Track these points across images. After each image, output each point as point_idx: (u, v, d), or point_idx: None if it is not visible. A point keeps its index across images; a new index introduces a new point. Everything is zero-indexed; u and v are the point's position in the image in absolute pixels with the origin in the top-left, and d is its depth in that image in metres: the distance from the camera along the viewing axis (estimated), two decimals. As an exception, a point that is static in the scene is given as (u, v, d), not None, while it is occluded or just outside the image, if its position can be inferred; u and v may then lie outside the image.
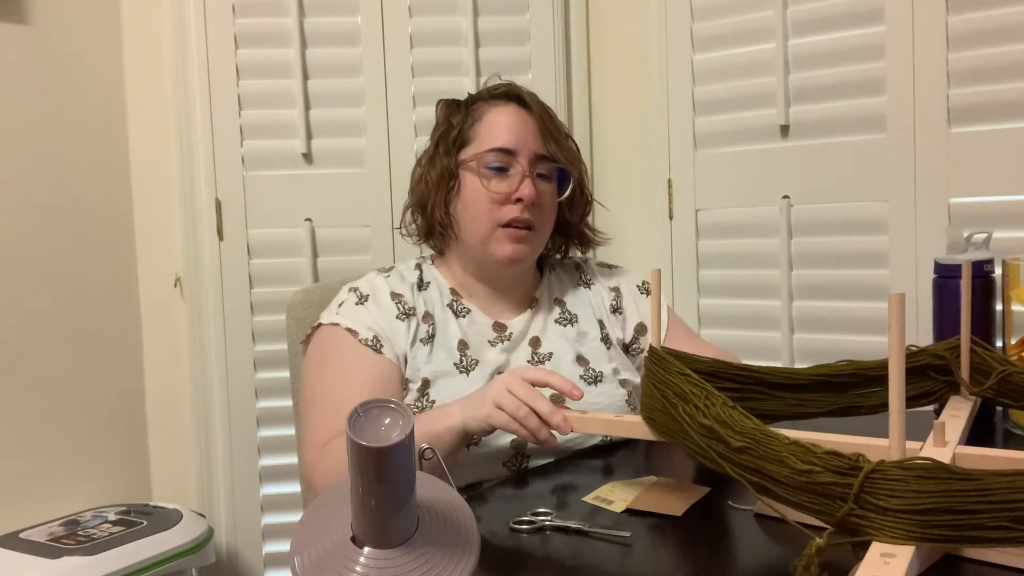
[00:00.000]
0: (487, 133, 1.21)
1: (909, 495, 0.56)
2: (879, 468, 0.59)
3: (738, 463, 0.70)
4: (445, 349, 1.18)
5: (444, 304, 1.23)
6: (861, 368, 0.92)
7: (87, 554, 1.44)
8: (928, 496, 0.56)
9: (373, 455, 0.57)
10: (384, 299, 1.20)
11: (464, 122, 1.23)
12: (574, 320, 1.27)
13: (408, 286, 1.22)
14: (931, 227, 1.53)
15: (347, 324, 1.17)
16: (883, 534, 0.57)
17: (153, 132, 1.85)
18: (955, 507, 0.55)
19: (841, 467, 0.61)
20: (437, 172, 1.22)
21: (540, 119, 1.23)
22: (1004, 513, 0.54)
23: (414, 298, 1.21)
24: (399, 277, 1.24)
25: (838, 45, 1.61)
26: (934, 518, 0.55)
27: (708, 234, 1.80)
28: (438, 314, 1.21)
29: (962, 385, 0.95)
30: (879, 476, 0.58)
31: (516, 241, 1.19)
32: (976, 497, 0.55)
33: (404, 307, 1.19)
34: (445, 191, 1.22)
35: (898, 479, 0.57)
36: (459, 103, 1.27)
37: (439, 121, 1.27)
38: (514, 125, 1.21)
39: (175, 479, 1.89)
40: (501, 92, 1.25)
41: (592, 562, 0.75)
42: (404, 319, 1.18)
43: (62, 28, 1.74)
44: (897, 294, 0.59)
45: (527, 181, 1.18)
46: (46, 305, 1.70)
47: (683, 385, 0.81)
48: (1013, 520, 0.54)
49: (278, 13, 1.79)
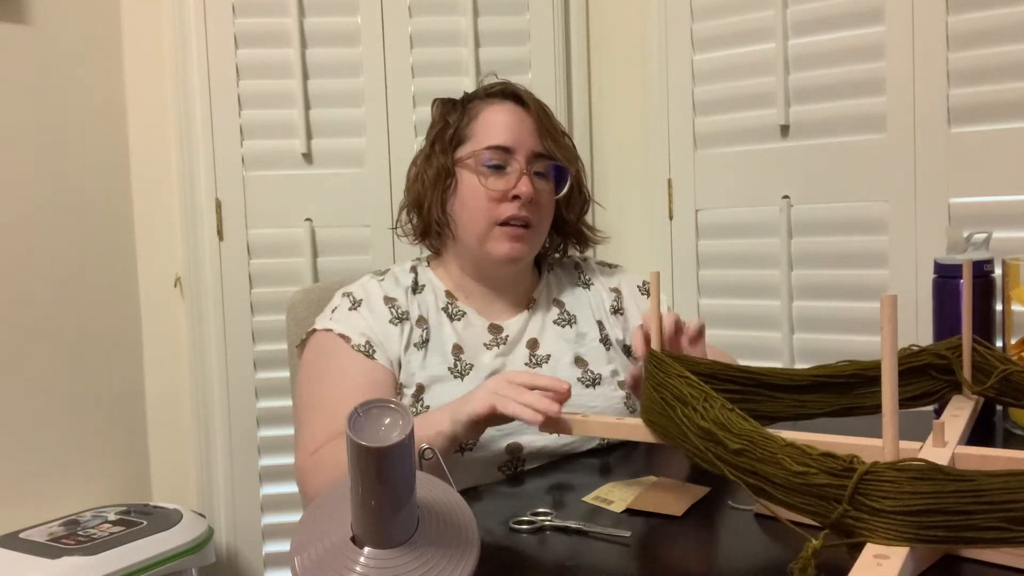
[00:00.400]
0: (484, 131, 1.21)
1: (903, 496, 0.56)
2: (873, 469, 0.59)
3: (736, 465, 0.70)
4: (439, 354, 1.18)
5: (439, 308, 1.22)
6: (861, 368, 0.92)
7: (87, 554, 1.44)
8: (922, 497, 0.56)
9: (373, 455, 0.57)
10: (377, 304, 1.19)
11: (460, 120, 1.23)
12: (573, 321, 1.27)
13: (402, 290, 1.22)
14: (931, 227, 1.53)
15: (340, 330, 1.17)
16: (877, 535, 0.57)
17: (153, 132, 1.85)
18: (949, 508, 0.55)
19: (835, 469, 0.61)
20: (434, 171, 1.22)
21: (537, 117, 1.23)
22: (999, 514, 0.54)
23: (408, 302, 1.21)
24: (393, 280, 1.24)
25: (838, 45, 1.61)
26: (928, 519, 0.55)
27: (708, 234, 1.80)
28: (432, 318, 1.21)
29: (964, 385, 0.95)
30: (873, 477, 0.58)
31: (514, 239, 1.19)
32: (970, 498, 0.55)
33: (397, 311, 1.19)
34: (442, 189, 1.22)
35: (892, 480, 0.57)
36: (455, 102, 1.27)
37: (435, 120, 1.27)
38: (511, 123, 1.21)
39: (175, 479, 1.89)
40: (497, 90, 1.25)
41: (592, 562, 0.75)
42: (397, 324, 1.18)
43: (62, 28, 1.74)
44: (889, 296, 0.59)
45: (524, 178, 1.18)
46: (46, 305, 1.70)
47: (682, 388, 0.81)
48: (1008, 520, 0.54)
49: (278, 13, 1.79)
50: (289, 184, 1.81)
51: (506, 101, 1.24)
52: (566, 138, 1.27)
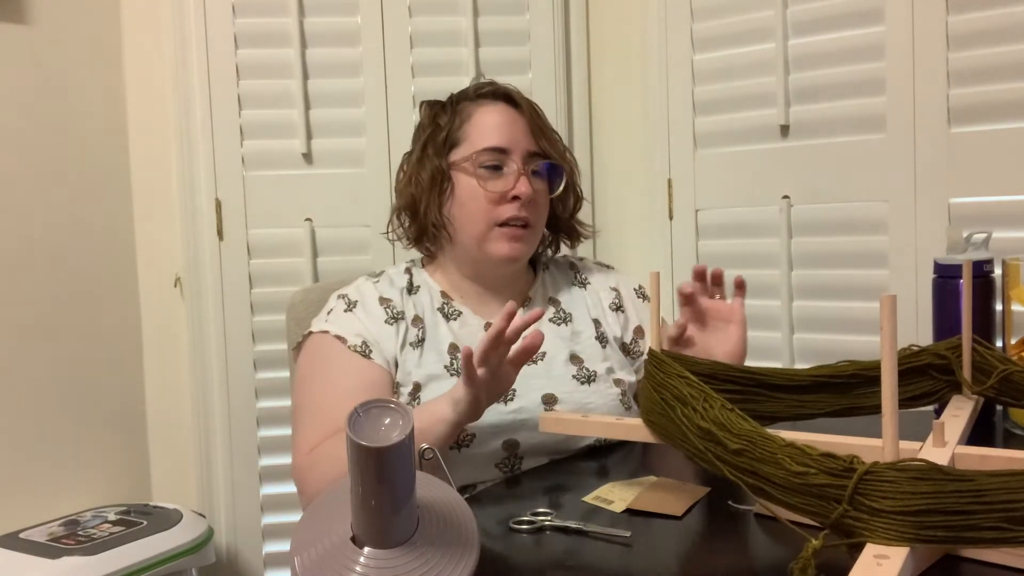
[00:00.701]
0: (478, 133, 1.21)
1: (902, 496, 0.56)
2: (873, 470, 0.59)
3: (735, 465, 0.71)
4: (435, 352, 1.18)
5: (434, 308, 1.23)
6: (861, 368, 0.92)
7: (87, 554, 1.44)
8: (922, 497, 0.56)
9: (373, 455, 0.57)
10: (372, 305, 1.20)
11: (452, 123, 1.23)
12: (568, 319, 1.27)
13: (397, 290, 1.23)
14: (931, 227, 1.53)
15: (336, 331, 1.17)
16: (877, 535, 0.57)
17: (153, 132, 1.85)
18: (949, 508, 0.55)
19: (835, 469, 0.61)
20: (428, 174, 1.22)
21: (530, 116, 1.23)
22: (999, 514, 0.54)
23: (403, 302, 1.22)
24: (388, 282, 1.24)
25: (838, 45, 1.61)
26: (928, 519, 0.55)
27: (708, 234, 1.80)
28: (428, 318, 1.21)
29: (964, 385, 0.95)
30: (872, 478, 0.58)
31: (513, 240, 1.19)
32: (970, 498, 0.55)
33: (392, 311, 1.20)
34: (438, 192, 1.22)
35: (891, 480, 0.57)
36: (443, 104, 1.27)
37: (424, 123, 1.27)
38: (504, 123, 1.21)
39: (175, 479, 1.89)
40: (488, 91, 1.25)
41: (592, 562, 0.75)
42: (393, 323, 1.19)
43: (62, 28, 1.74)
44: (888, 296, 0.59)
45: (523, 179, 1.19)
46: (46, 305, 1.70)
47: (682, 388, 0.81)
48: (1008, 520, 0.54)
49: (278, 13, 1.79)
50: (289, 184, 1.81)
51: (497, 102, 1.24)
52: (556, 135, 1.28)
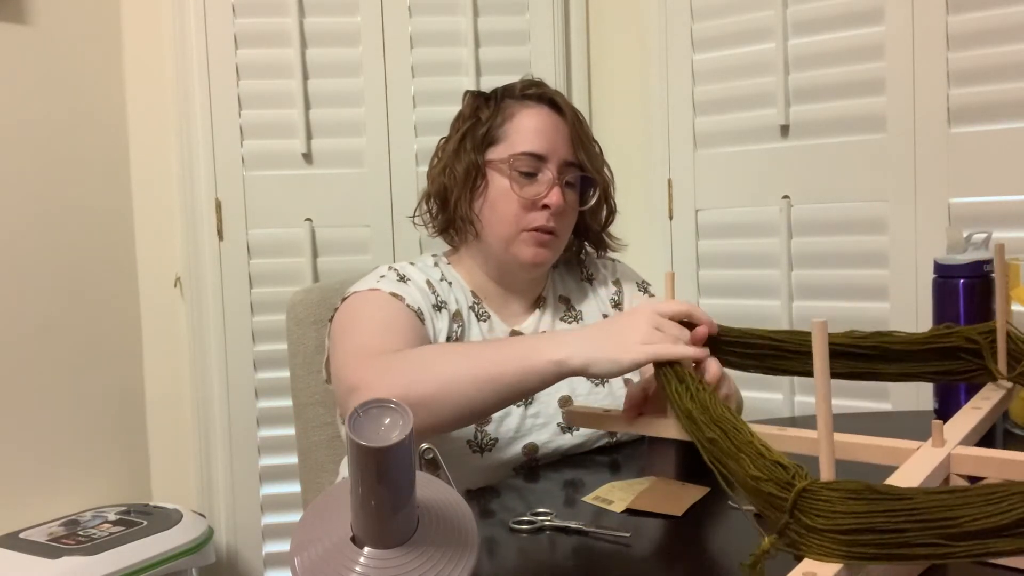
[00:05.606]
0: (518, 135, 1.18)
1: (835, 516, 0.56)
2: (809, 488, 0.59)
3: (710, 453, 0.72)
4: None
5: (468, 306, 1.20)
6: (884, 341, 0.95)
7: (87, 554, 1.44)
8: (853, 517, 0.55)
9: (373, 455, 0.57)
10: (422, 284, 1.16)
11: (494, 119, 1.20)
12: (579, 317, 1.27)
13: (436, 281, 1.19)
14: (931, 227, 1.53)
15: (391, 290, 1.12)
16: (812, 551, 0.57)
17: (153, 132, 1.85)
18: (879, 527, 0.55)
19: (781, 480, 0.61)
20: (463, 167, 1.19)
21: (572, 125, 1.20)
22: (934, 531, 0.54)
23: (446, 293, 1.18)
24: (425, 270, 1.20)
25: (838, 45, 1.61)
26: (859, 537, 0.55)
27: (708, 234, 1.80)
28: (464, 315, 1.19)
29: (994, 370, 0.94)
30: (809, 496, 0.58)
31: (539, 245, 1.17)
32: (904, 516, 0.54)
33: (438, 298, 1.16)
34: (471, 188, 1.19)
35: (825, 500, 0.57)
36: (488, 97, 1.23)
37: (465, 114, 1.23)
38: (546, 129, 1.18)
39: (175, 479, 1.89)
40: (533, 93, 1.22)
41: (592, 562, 0.75)
42: (438, 311, 1.15)
43: (62, 28, 1.74)
44: (819, 321, 0.59)
45: (556, 189, 1.16)
46: (46, 305, 1.70)
47: (684, 369, 0.87)
48: (944, 537, 0.53)
49: (278, 13, 1.79)
50: (289, 184, 1.81)
51: (542, 105, 1.21)
52: (596, 146, 1.25)
